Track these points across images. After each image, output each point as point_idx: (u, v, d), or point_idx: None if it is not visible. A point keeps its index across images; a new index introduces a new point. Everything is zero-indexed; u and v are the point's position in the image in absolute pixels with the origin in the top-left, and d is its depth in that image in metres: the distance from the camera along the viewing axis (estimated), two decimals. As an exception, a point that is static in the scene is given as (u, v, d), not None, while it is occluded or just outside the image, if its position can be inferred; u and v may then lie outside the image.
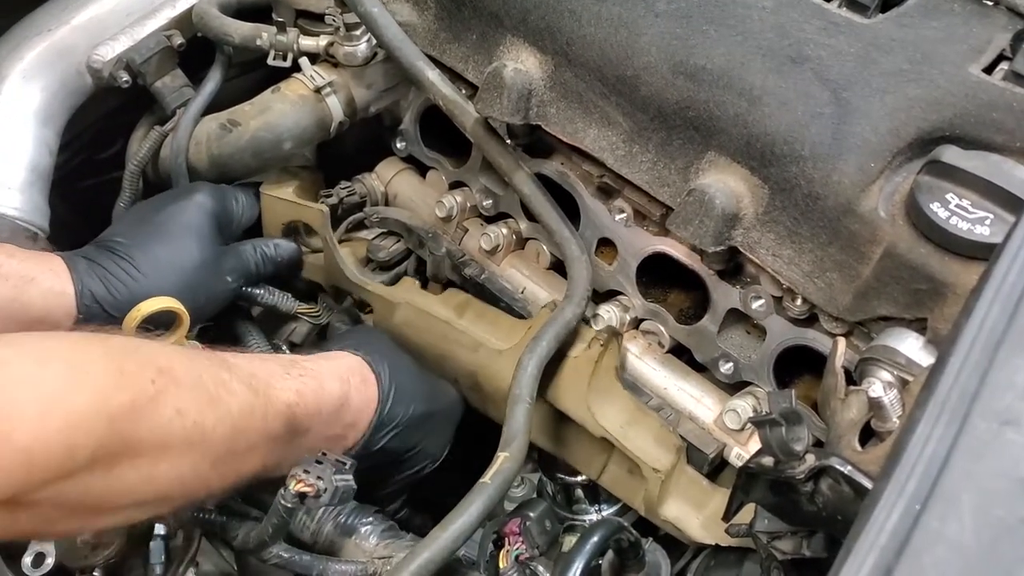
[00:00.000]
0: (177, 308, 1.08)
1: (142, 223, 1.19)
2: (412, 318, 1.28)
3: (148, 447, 0.78)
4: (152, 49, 1.34)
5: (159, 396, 0.79)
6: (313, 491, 0.92)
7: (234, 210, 1.28)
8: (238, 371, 0.91)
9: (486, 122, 1.23)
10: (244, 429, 0.89)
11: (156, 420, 0.79)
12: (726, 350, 1.15)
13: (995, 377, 0.68)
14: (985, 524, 0.61)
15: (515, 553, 1.03)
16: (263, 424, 0.91)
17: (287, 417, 0.95)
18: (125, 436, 0.76)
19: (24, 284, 1.03)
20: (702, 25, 1.09)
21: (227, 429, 0.86)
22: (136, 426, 0.77)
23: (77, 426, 0.72)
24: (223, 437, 0.86)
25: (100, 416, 0.73)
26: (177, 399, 0.81)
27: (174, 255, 1.16)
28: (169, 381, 0.81)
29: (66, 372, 0.74)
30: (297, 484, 0.92)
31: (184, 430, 0.81)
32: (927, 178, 0.94)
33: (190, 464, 0.83)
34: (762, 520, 0.93)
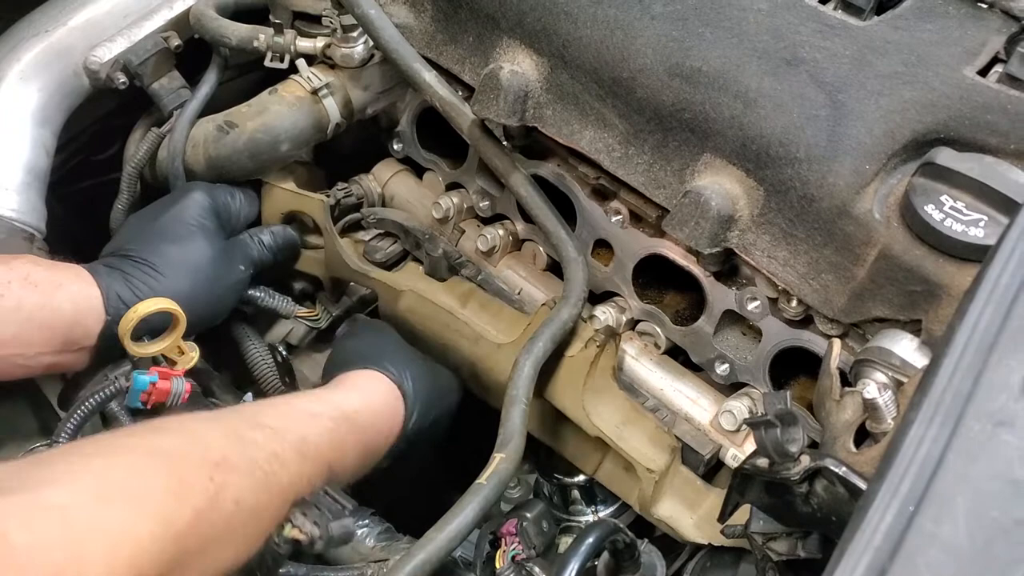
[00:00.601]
0: (173, 309, 1.07)
1: (146, 230, 1.20)
2: (416, 306, 1.29)
3: (211, 544, 0.79)
4: (149, 51, 1.34)
5: (219, 493, 0.80)
6: (307, 540, 0.92)
7: (232, 206, 1.29)
8: (288, 437, 0.92)
9: (483, 124, 1.23)
10: (292, 497, 0.91)
11: (217, 517, 0.79)
12: (722, 351, 1.15)
13: (989, 378, 0.68)
14: (979, 525, 0.61)
15: (511, 554, 1.03)
16: (309, 485, 0.93)
17: (328, 471, 0.97)
18: (190, 547, 0.76)
19: (53, 290, 1.06)
20: (698, 27, 1.09)
21: (279, 502, 0.88)
22: (200, 532, 0.77)
23: (144, 556, 0.72)
24: (276, 508, 0.88)
25: (166, 540, 0.74)
26: (236, 490, 0.82)
27: (186, 253, 1.18)
28: (227, 473, 0.81)
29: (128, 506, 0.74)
30: (292, 530, 0.91)
31: (242, 518, 0.82)
32: (922, 180, 0.94)
33: (250, 540, 0.85)
34: (757, 521, 0.93)
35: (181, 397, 1.06)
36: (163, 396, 1.04)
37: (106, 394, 1.03)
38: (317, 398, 1.07)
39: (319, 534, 0.93)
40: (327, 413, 1.02)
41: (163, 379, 1.04)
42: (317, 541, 0.93)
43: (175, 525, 0.75)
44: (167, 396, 1.05)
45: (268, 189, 1.37)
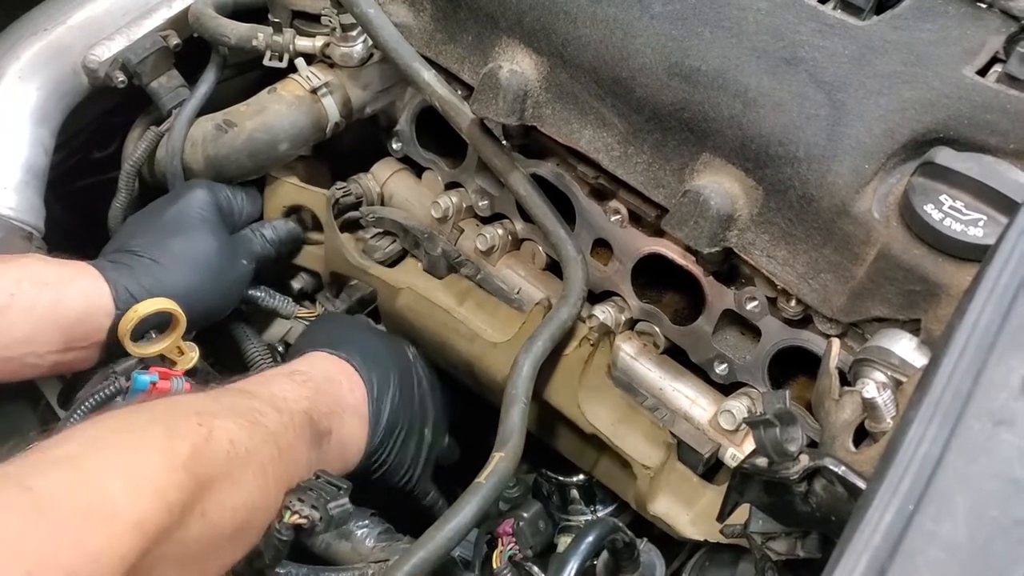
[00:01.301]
0: (173, 309, 1.08)
1: (150, 226, 1.21)
2: (413, 303, 1.29)
3: (218, 480, 0.83)
4: (148, 49, 1.34)
5: (211, 433, 0.85)
6: (308, 523, 0.94)
7: (234, 202, 1.30)
8: (259, 395, 0.97)
9: (482, 123, 1.23)
10: (284, 445, 0.94)
11: (216, 455, 0.84)
12: (721, 351, 1.15)
13: (988, 377, 0.68)
14: (979, 524, 0.61)
15: (508, 553, 1.04)
16: (296, 435, 0.97)
17: (310, 423, 1.00)
18: (199, 476, 0.81)
19: (64, 286, 1.07)
20: (697, 27, 1.09)
21: (271, 448, 0.91)
22: (203, 465, 0.82)
23: (164, 484, 0.77)
24: (271, 456, 0.91)
25: (175, 468, 0.79)
26: (225, 432, 0.86)
27: (191, 247, 1.19)
28: (211, 419, 0.86)
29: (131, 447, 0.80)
30: (292, 516, 0.93)
31: (240, 457, 0.86)
32: (921, 180, 0.94)
33: (254, 487, 0.88)
34: (756, 521, 0.93)
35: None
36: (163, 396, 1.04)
37: (106, 394, 1.03)
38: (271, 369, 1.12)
39: (319, 516, 0.94)
40: (278, 374, 1.07)
41: (163, 379, 1.04)
42: (317, 523, 0.94)
43: (179, 456, 0.80)
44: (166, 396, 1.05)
45: (271, 181, 1.38)
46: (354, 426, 1.10)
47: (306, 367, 1.10)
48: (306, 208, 1.39)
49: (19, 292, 1.03)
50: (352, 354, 1.15)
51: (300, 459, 0.97)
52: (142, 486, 0.76)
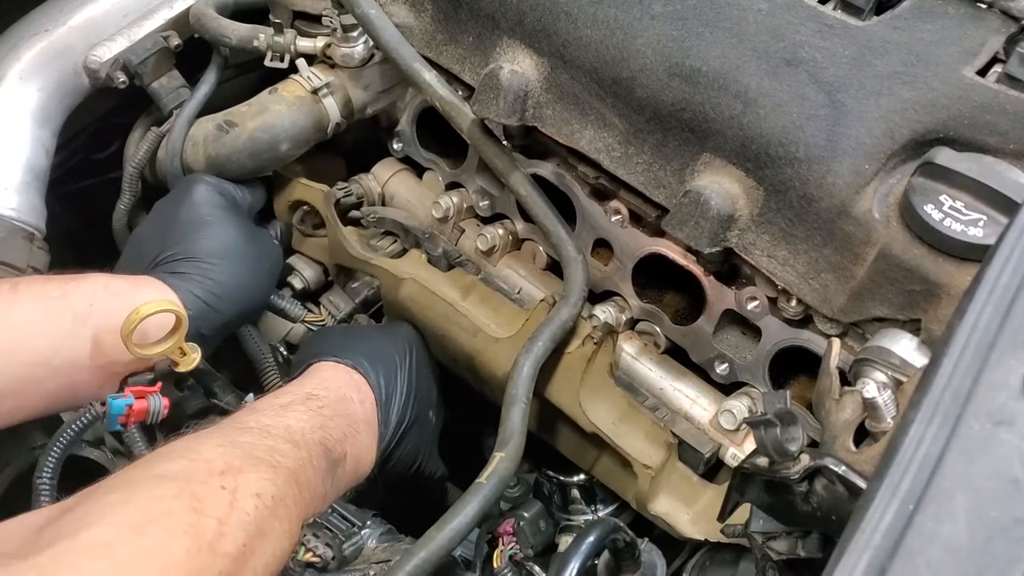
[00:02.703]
0: (176, 309, 1.07)
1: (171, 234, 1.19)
2: (416, 294, 1.29)
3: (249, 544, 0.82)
4: (149, 50, 1.34)
5: (235, 495, 0.83)
6: (321, 562, 0.95)
7: (237, 195, 1.30)
8: (276, 431, 0.96)
9: (482, 123, 1.23)
10: (304, 481, 0.93)
11: (244, 518, 0.82)
12: (721, 351, 1.15)
13: (988, 378, 0.68)
14: (979, 524, 0.61)
15: (509, 553, 1.04)
16: (314, 470, 0.96)
17: (326, 453, 1.00)
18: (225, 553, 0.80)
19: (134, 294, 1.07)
20: (698, 27, 1.10)
21: (293, 488, 0.91)
22: (233, 537, 0.81)
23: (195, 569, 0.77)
24: (294, 496, 0.90)
25: (202, 553, 0.78)
26: (250, 487, 0.85)
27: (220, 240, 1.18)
28: (235, 476, 0.85)
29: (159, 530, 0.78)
30: (306, 554, 0.95)
31: (267, 509, 0.85)
32: (921, 180, 0.94)
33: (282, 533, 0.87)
34: (757, 520, 0.93)
35: (160, 414, 1.06)
36: (141, 416, 1.05)
37: (82, 423, 1.03)
38: (281, 392, 1.11)
39: (332, 555, 0.96)
40: (295, 401, 1.05)
41: (139, 399, 1.04)
42: (331, 562, 0.96)
43: (204, 536, 0.79)
44: (145, 415, 1.05)
45: (277, 178, 1.40)
46: (366, 439, 1.11)
47: (321, 390, 1.09)
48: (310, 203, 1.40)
49: (96, 301, 1.05)
50: (358, 360, 1.15)
51: (317, 492, 0.97)
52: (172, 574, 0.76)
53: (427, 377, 1.24)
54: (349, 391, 1.12)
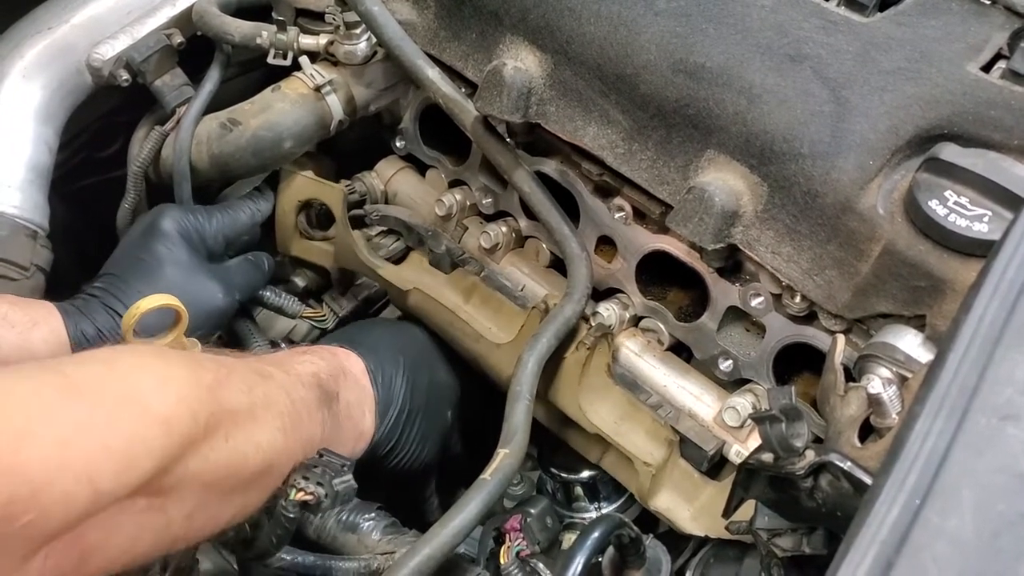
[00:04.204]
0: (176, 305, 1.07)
1: (116, 265, 1.20)
2: (421, 302, 1.30)
3: (240, 415, 0.86)
4: (152, 48, 1.34)
5: (228, 376, 0.87)
6: (314, 499, 0.94)
7: (207, 227, 1.27)
8: (265, 360, 1.00)
9: (486, 120, 1.23)
10: (296, 397, 0.96)
11: (235, 393, 0.87)
12: (725, 347, 1.15)
13: (994, 373, 0.68)
14: (985, 519, 0.61)
15: (516, 549, 1.03)
16: (304, 393, 0.99)
17: (317, 383, 1.02)
18: (222, 403, 0.84)
19: (28, 330, 1.07)
20: (701, 23, 1.09)
21: (284, 398, 0.94)
22: (225, 395, 0.85)
23: (190, 394, 0.80)
24: (285, 406, 0.94)
25: (201, 386, 0.82)
26: (242, 379, 0.89)
27: (150, 287, 1.16)
28: (229, 367, 0.90)
29: (160, 362, 0.83)
30: (298, 494, 0.94)
31: (256, 400, 0.89)
32: (925, 175, 0.94)
33: (274, 429, 0.91)
34: (762, 517, 0.93)
35: None
36: None
37: None
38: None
39: (324, 492, 0.95)
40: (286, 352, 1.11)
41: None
42: (323, 500, 0.95)
43: (204, 378, 0.84)
44: None
45: (287, 175, 1.38)
46: (359, 396, 1.12)
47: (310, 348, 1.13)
48: (317, 202, 1.39)
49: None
50: (355, 345, 1.17)
51: (313, 414, 0.99)
52: (170, 389, 0.79)
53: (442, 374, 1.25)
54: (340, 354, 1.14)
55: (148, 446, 0.75)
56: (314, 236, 1.42)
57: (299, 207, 1.39)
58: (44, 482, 0.68)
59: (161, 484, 0.77)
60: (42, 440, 0.69)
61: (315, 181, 1.37)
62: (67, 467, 0.69)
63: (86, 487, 0.70)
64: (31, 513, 0.67)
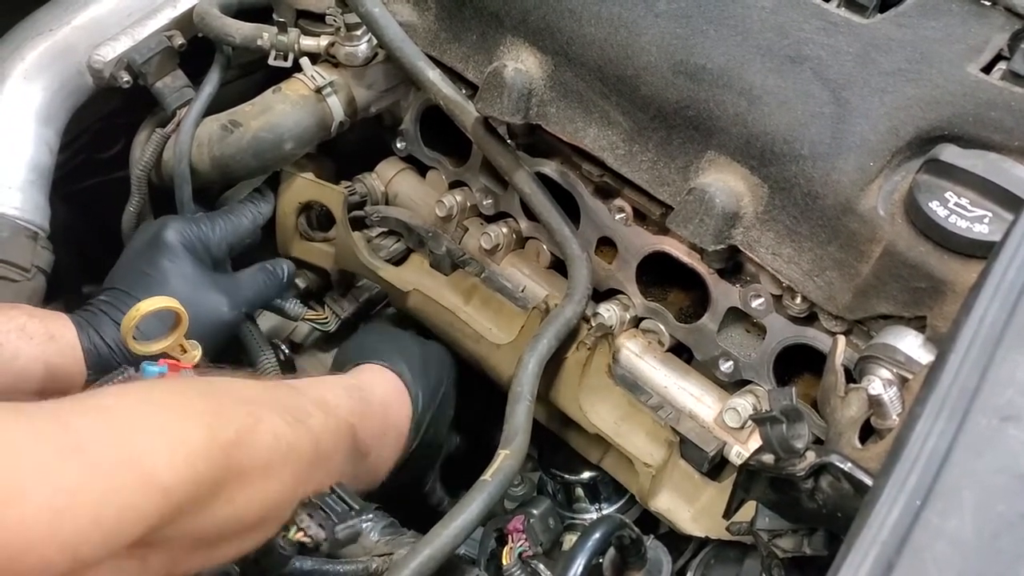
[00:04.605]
0: (176, 307, 1.08)
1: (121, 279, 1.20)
2: (421, 304, 1.31)
3: (255, 472, 0.83)
4: (153, 49, 1.34)
5: (257, 425, 0.84)
6: (312, 543, 0.94)
7: (211, 236, 1.26)
8: (308, 394, 0.98)
9: (486, 122, 1.23)
10: (323, 450, 0.94)
11: (258, 448, 0.83)
12: (726, 348, 1.15)
13: (995, 374, 0.68)
14: (986, 520, 0.61)
15: (519, 550, 1.03)
16: (336, 443, 0.97)
17: (353, 436, 1.01)
18: (236, 464, 0.80)
19: (46, 343, 1.07)
20: (702, 25, 1.09)
21: (311, 449, 0.91)
22: (243, 454, 0.81)
23: (200, 458, 0.76)
24: (309, 457, 0.91)
25: (215, 447, 0.78)
26: (271, 425, 0.86)
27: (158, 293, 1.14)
28: (260, 409, 0.86)
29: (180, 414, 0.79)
30: (297, 533, 0.93)
31: (280, 452, 0.86)
32: (926, 177, 0.94)
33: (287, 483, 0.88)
34: (763, 518, 0.93)
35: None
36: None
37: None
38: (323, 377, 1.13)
39: (324, 536, 0.94)
40: (336, 384, 1.08)
41: (172, 371, 1.04)
42: (322, 543, 0.94)
43: (221, 437, 0.79)
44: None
45: (287, 176, 1.38)
46: (392, 449, 1.12)
47: (366, 386, 1.11)
48: (317, 204, 1.39)
49: (6, 343, 1.04)
50: (403, 369, 1.16)
51: (334, 468, 0.98)
52: (177, 452, 0.74)
53: (453, 400, 1.25)
54: (390, 397, 1.13)
55: (142, 514, 0.71)
56: (314, 237, 1.41)
57: (299, 209, 1.39)
58: (26, 550, 0.64)
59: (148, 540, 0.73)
60: (33, 502, 0.65)
61: (315, 183, 1.37)
62: (54, 536, 0.65)
63: (68, 556, 0.66)
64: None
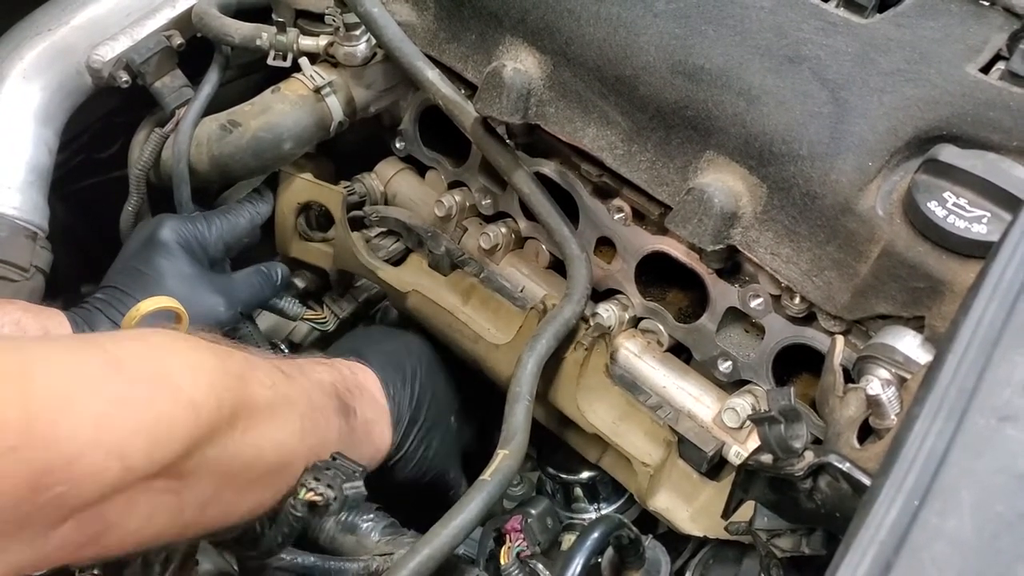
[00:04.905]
0: (176, 307, 1.08)
1: (117, 277, 1.20)
2: (420, 305, 1.31)
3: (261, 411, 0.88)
4: (152, 49, 1.34)
5: (253, 371, 0.90)
6: (322, 500, 0.95)
7: (207, 235, 1.27)
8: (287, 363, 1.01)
9: (485, 122, 1.23)
10: (315, 403, 0.99)
11: (258, 387, 0.89)
12: (725, 348, 1.15)
13: (993, 374, 0.68)
14: (984, 519, 0.61)
15: (516, 550, 1.04)
16: (323, 399, 1.02)
17: (335, 393, 1.05)
18: (245, 395, 0.86)
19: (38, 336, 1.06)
20: (700, 25, 1.10)
21: (304, 401, 0.97)
22: (249, 388, 0.87)
23: (219, 381, 0.82)
24: (304, 408, 0.96)
25: (229, 375, 0.84)
26: (263, 373, 0.91)
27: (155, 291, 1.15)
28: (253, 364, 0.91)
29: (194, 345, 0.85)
30: (307, 494, 0.95)
31: (277, 397, 0.91)
32: (924, 177, 0.94)
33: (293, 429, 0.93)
34: (761, 518, 0.94)
35: None
36: None
37: None
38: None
39: (333, 495, 0.95)
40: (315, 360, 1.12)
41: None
42: (332, 502, 0.96)
43: (230, 368, 0.86)
44: None
45: (285, 177, 1.38)
46: (375, 411, 1.14)
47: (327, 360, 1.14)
48: (316, 204, 1.39)
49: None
50: (369, 359, 1.18)
51: (330, 422, 1.01)
52: (199, 373, 0.81)
53: (443, 383, 1.26)
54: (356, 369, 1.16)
55: (177, 428, 0.77)
56: (313, 238, 1.41)
57: (298, 209, 1.39)
58: (78, 454, 0.70)
59: (181, 468, 0.79)
60: (81, 412, 0.71)
61: (313, 183, 1.37)
62: (101, 442, 0.71)
63: (116, 463, 0.72)
64: (63, 485, 0.69)
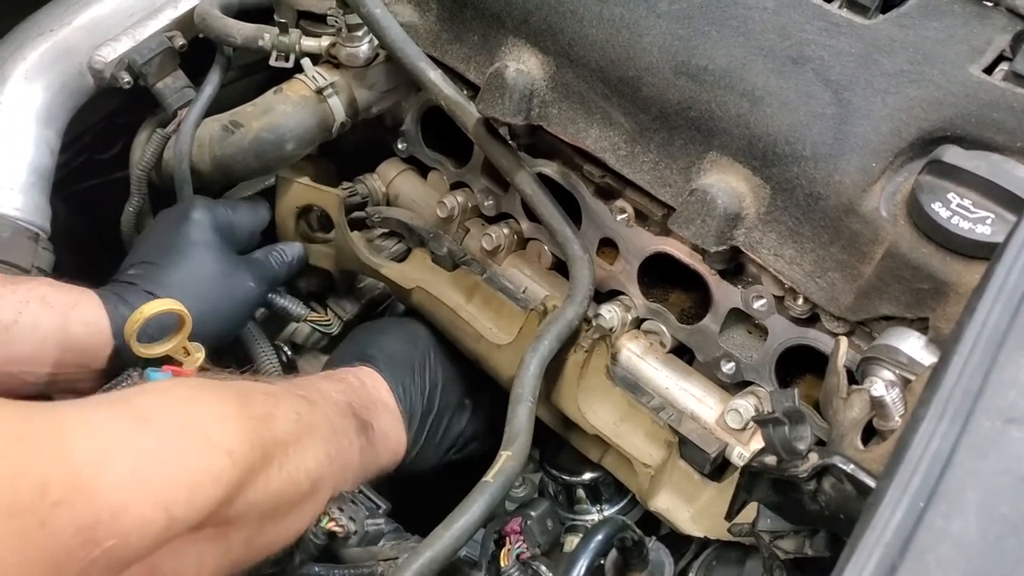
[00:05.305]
0: (179, 310, 1.07)
1: (148, 253, 1.21)
2: (424, 301, 1.31)
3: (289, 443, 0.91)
4: (154, 50, 1.34)
5: (277, 407, 0.92)
6: (343, 532, 0.98)
7: (234, 219, 1.29)
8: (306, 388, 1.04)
9: (488, 123, 1.23)
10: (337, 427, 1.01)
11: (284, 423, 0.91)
12: (728, 350, 1.15)
13: (998, 375, 0.68)
14: (990, 521, 0.61)
15: (516, 552, 1.03)
16: (342, 419, 1.04)
17: (352, 413, 1.07)
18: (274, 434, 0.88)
19: (68, 311, 1.08)
20: (704, 26, 1.09)
21: (326, 424, 0.99)
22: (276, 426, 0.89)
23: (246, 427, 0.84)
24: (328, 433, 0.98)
25: (254, 419, 0.86)
26: (287, 407, 0.94)
27: (189, 273, 1.18)
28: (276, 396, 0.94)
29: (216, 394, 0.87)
30: (329, 523, 0.97)
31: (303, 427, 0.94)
32: (928, 178, 0.94)
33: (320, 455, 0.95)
34: (765, 519, 0.93)
35: None
36: None
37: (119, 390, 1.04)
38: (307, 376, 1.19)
39: (354, 529, 0.98)
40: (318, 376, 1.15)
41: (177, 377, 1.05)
42: (351, 535, 0.98)
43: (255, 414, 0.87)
44: None
45: (283, 182, 1.38)
46: (390, 421, 1.16)
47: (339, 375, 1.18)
48: (316, 207, 1.39)
49: (25, 311, 1.04)
50: (376, 361, 1.21)
51: (352, 444, 1.03)
52: (227, 423, 0.83)
53: (452, 368, 1.29)
54: (366, 379, 1.18)
55: (216, 475, 0.78)
56: (316, 239, 1.41)
57: (297, 213, 1.39)
58: (123, 507, 0.71)
59: (225, 514, 0.81)
60: (118, 467, 0.72)
61: (311, 187, 1.37)
62: (143, 494, 0.72)
63: (161, 514, 0.73)
64: (113, 538, 0.69)
